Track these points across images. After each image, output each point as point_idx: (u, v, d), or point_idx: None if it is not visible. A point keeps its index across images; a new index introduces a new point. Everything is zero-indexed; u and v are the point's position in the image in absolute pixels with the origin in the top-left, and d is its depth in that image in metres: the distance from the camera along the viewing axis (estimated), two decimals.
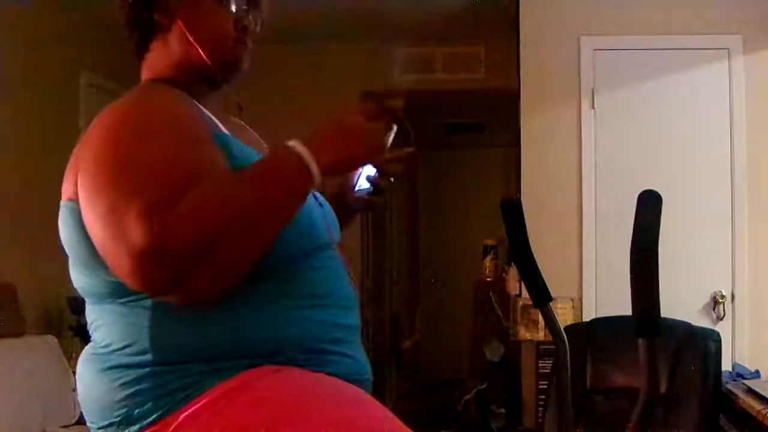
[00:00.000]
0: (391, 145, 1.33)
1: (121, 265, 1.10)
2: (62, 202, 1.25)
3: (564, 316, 3.79)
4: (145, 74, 1.39)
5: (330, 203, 1.45)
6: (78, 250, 1.23)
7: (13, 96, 3.93)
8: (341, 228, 1.47)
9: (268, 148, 1.46)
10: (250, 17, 1.40)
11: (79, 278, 1.27)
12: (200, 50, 1.33)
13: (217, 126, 1.30)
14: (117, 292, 1.20)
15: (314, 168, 1.18)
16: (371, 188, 1.50)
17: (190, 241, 1.08)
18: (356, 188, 1.51)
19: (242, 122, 1.49)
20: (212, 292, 1.14)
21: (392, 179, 1.46)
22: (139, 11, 1.35)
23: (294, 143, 1.19)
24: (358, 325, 1.35)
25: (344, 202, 1.53)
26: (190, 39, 1.33)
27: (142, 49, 1.38)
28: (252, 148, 1.31)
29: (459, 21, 4.89)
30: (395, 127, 1.33)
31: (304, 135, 1.22)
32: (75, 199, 1.21)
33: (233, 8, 1.37)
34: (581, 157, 4.00)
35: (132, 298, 1.20)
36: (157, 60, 1.37)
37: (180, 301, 1.14)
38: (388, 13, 4.85)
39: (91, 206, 1.15)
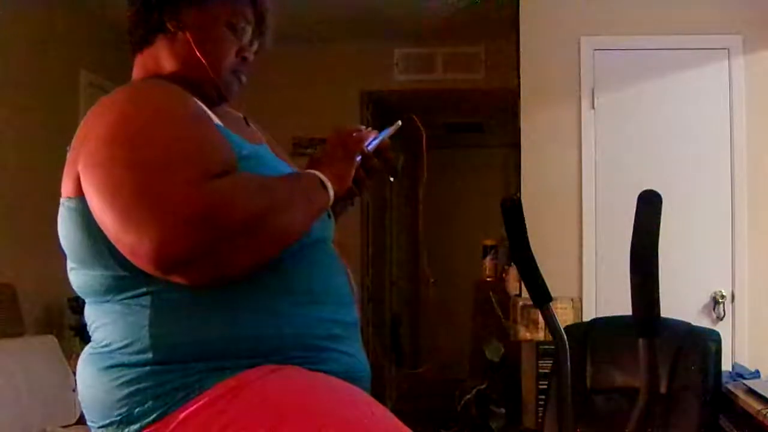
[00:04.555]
0: (393, 139, 1.43)
1: (152, 232, 1.08)
2: (62, 200, 1.25)
3: (564, 316, 3.79)
4: (138, 71, 1.39)
5: None
6: (77, 247, 1.23)
7: (13, 96, 3.93)
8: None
9: (265, 139, 1.47)
10: (252, 50, 1.41)
11: (77, 277, 1.27)
12: (205, 64, 1.33)
13: (213, 117, 1.30)
14: (115, 288, 1.21)
15: (329, 184, 1.29)
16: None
17: (237, 215, 1.12)
18: None
19: (237, 114, 1.48)
20: (221, 277, 1.15)
21: (392, 178, 1.47)
22: (150, 9, 1.35)
23: (308, 171, 1.31)
24: (357, 321, 1.35)
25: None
26: (196, 52, 1.33)
27: (141, 43, 1.37)
28: (246, 141, 1.31)
29: (459, 21, 4.89)
30: (399, 123, 1.46)
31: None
32: (74, 196, 1.21)
33: (244, 39, 1.39)
34: (581, 157, 4.00)
35: (130, 294, 1.20)
36: (154, 57, 1.36)
37: (190, 278, 1.13)
38: (388, 13, 4.85)
39: (107, 180, 1.14)
